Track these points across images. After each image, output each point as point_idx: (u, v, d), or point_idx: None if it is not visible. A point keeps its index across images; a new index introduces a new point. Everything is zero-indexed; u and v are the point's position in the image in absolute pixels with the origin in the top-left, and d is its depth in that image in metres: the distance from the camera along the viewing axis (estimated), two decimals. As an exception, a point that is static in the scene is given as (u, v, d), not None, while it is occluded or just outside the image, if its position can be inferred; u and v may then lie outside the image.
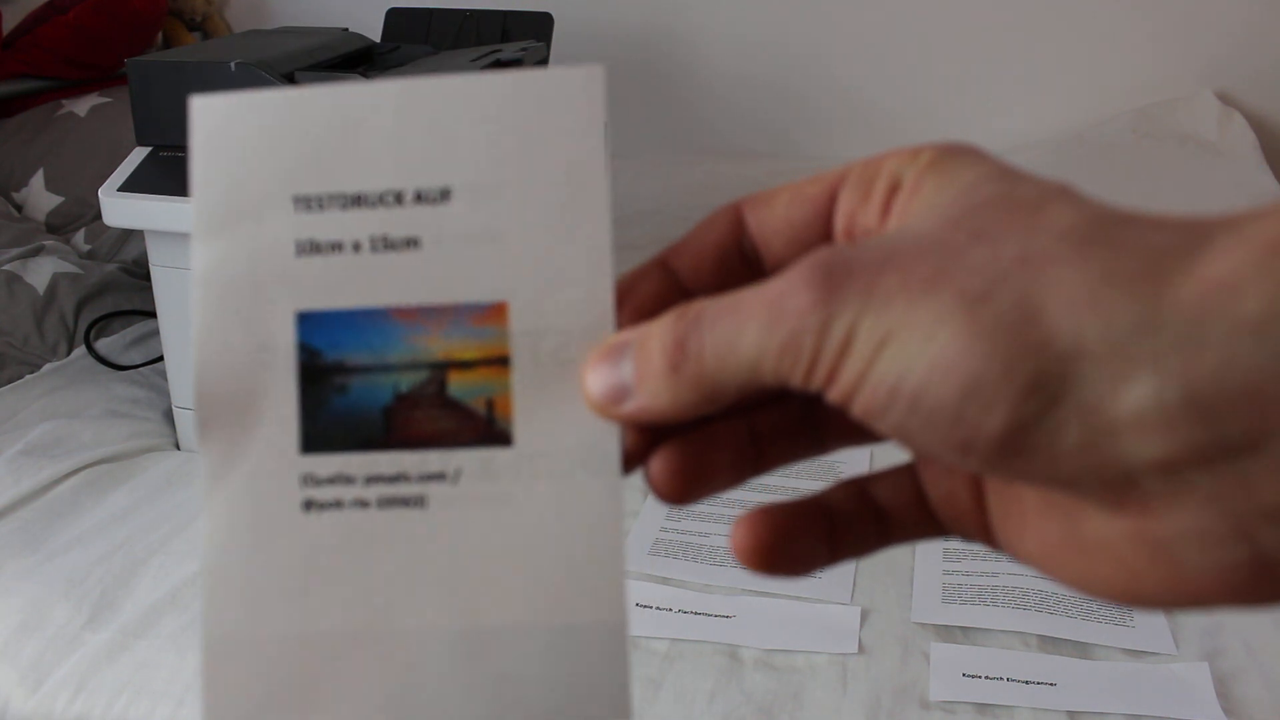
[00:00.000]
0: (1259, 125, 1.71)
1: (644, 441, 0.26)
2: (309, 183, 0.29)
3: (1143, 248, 0.21)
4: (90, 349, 1.28)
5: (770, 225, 0.26)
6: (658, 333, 0.24)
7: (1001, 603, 0.87)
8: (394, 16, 1.33)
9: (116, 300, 1.36)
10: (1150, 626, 0.84)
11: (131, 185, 1.03)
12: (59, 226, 1.58)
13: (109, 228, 1.50)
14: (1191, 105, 1.72)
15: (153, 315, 1.14)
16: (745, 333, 0.23)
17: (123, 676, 0.81)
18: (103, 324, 1.33)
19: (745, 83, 1.89)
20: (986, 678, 0.79)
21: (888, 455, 0.92)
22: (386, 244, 0.28)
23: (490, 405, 0.27)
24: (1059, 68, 1.83)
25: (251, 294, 0.28)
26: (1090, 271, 0.21)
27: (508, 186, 0.28)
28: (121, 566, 0.92)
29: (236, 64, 1.01)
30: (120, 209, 1.03)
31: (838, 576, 0.91)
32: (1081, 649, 0.83)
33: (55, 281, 1.33)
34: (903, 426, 0.22)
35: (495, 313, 0.27)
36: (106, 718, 0.79)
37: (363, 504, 0.28)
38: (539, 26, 1.29)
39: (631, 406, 0.25)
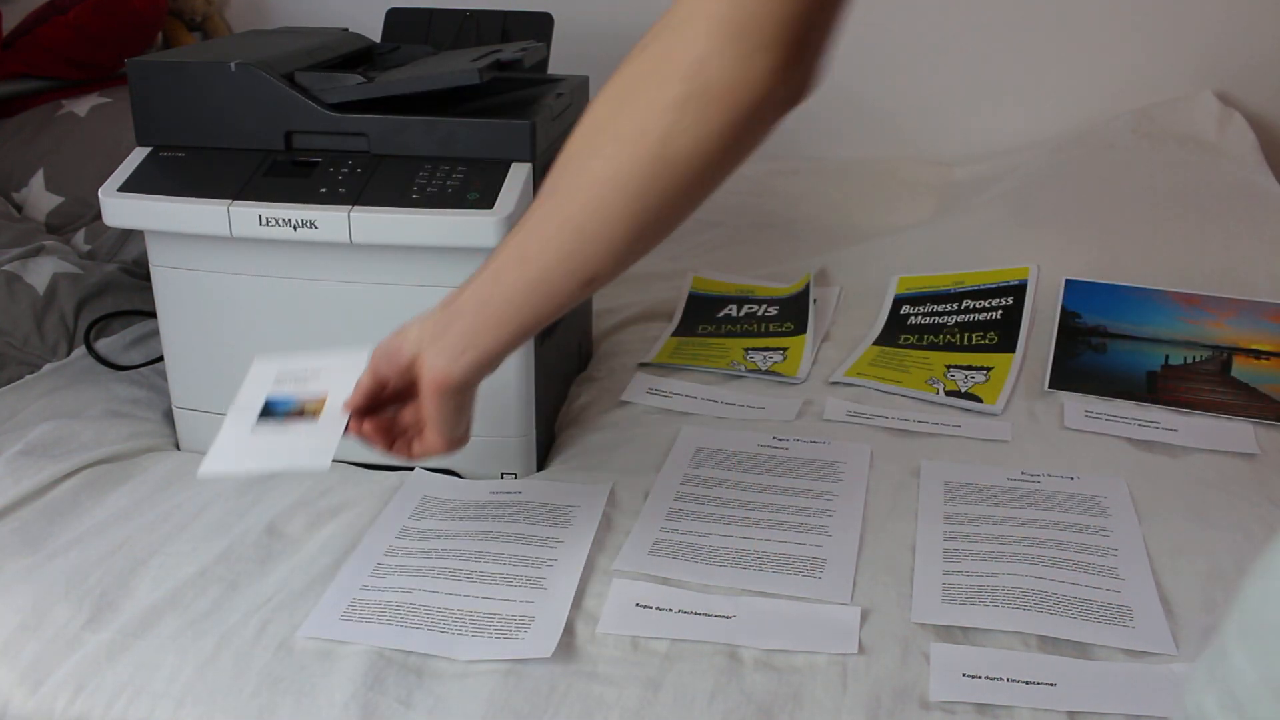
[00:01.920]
0: (1259, 125, 1.71)
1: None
2: None
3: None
4: (90, 349, 1.28)
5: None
6: None
7: (1001, 603, 0.86)
8: (394, 16, 1.32)
9: (116, 300, 1.36)
10: (1150, 626, 0.84)
11: (131, 185, 1.03)
12: (59, 226, 1.58)
13: (109, 228, 1.50)
14: (1191, 105, 1.72)
15: (153, 315, 1.14)
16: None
17: (123, 676, 0.81)
18: (103, 324, 1.33)
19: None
20: (986, 678, 0.79)
21: (888, 454, 0.92)
22: None
23: None
24: (1059, 68, 1.82)
25: None
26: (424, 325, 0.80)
27: None
28: (121, 566, 0.92)
29: (236, 64, 1.01)
30: (120, 209, 1.03)
31: (838, 577, 0.91)
32: (1081, 649, 0.83)
33: (55, 281, 1.33)
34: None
35: None
36: (106, 718, 0.79)
37: None
38: (539, 26, 1.29)
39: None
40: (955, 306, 1.39)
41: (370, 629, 0.84)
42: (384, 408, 0.83)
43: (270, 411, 0.87)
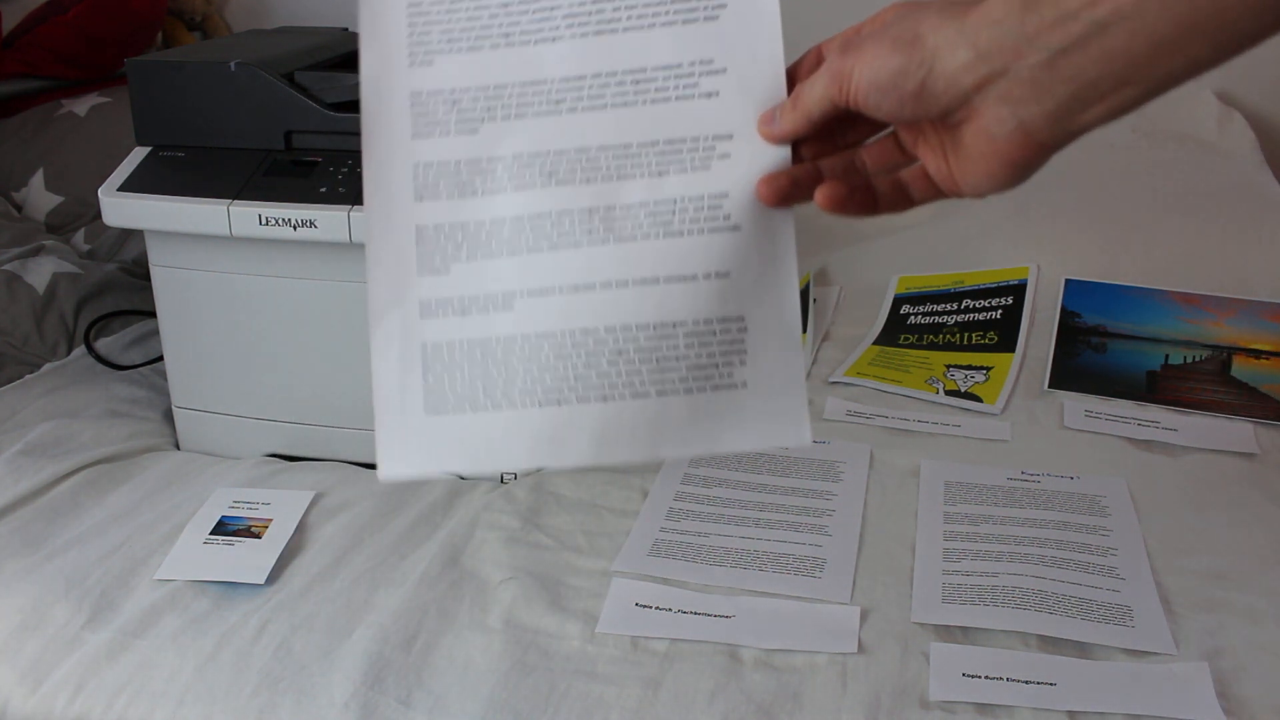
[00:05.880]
0: (1259, 125, 1.71)
1: (809, 179, 0.55)
2: None
3: (962, 7, 0.47)
4: (90, 349, 1.28)
5: (831, 47, 0.55)
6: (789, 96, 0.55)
7: (1001, 602, 0.86)
8: (394, 16, 1.32)
9: (116, 300, 1.36)
10: (1150, 626, 0.84)
11: (131, 185, 1.03)
12: (59, 226, 1.58)
13: (109, 228, 1.50)
14: (1191, 105, 1.72)
15: (152, 315, 1.14)
16: (817, 86, 0.52)
17: (123, 676, 0.81)
18: (102, 324, 1.33)
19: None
20: (986, 678, 0.79)
21: (888, 454, 0.92)
22: None
23: None
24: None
25: None
26: (942, 17, 0.48)
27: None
28: (121, 566, 0.92)
29: (236, 64, 1.01)
30: (120, 209, 1.03)
31: (838, 576, 0.91)
32: (1081, 649, 0.83)
33: (55, 281, 1.33)
34: (877, 104, 0.51)
35: None
36: (106, 718, 0.79)
37: None
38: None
39: (774, 127, 0.55)
40: (955, 306, 1.39)
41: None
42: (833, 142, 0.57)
43: (222, 528, 0.96)
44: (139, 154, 1.06)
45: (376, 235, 0.57)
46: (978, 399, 1.21)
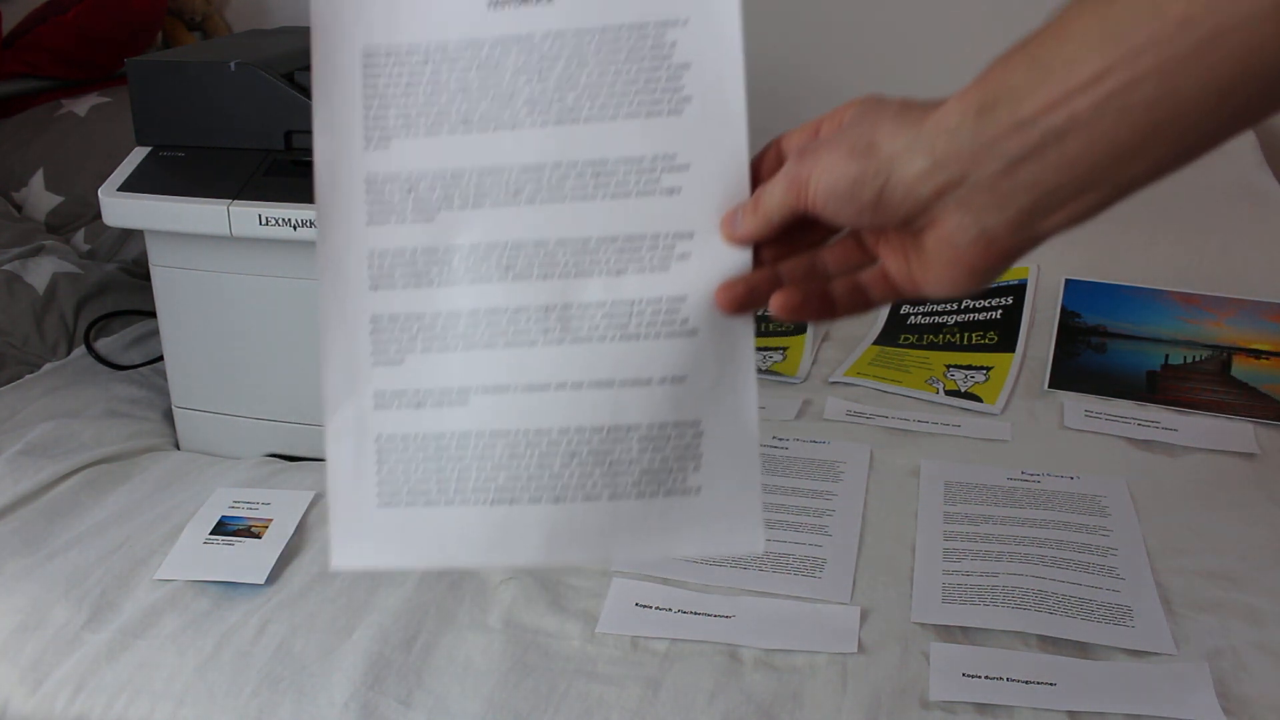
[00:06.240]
0: (1259, 125, 1.71)
1: (768, 285, 0.53)
2: None
3: (918, 112, 0.47)
4: (90, 349, 1.28)
5: (790, 144, 0.53)
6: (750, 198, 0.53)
7: (1001, 603, 0.86)
8: (394, 16, 1.32)
9: (116, 300, 1.36)
10: (1150, 626, 0.84)
11: (131, 185, 1.03)
12: (59, 226, 1.58)
13: (109, 228, 1.50)
14: (1191, 105, 1.72)
15: (152, 315, 1.14)
16: (776, 192, 0.50)
17: (123, 676, 0.81)
18: (102, 324, 1.33)
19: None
20: (986, 678, 0.79)
21: (888, 454, 0.92)
22: None
23: None
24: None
25: None
26: (897, 124, 0.47)
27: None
28: (121, 566, 0.92)
29: (236, 64, 1.01)
30: (120, 209, 1.03)
31: (838, 576, 0.91)
32: (1081, 649, 0.83)
33: (55, 281, 1.33)
34: (835, 213, 0.49)
35: None
36: (106, 718, 0.79)
37: None
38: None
39: (736, 231, 0.53)
40: (955, 306, 1.39)
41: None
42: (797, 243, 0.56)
43: (222, 528, 0.97)
44: (139, 154, 1.06)
45: (330, 324, 0.56)
46: (978, 399, 1.21)
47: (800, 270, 0.53)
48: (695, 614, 0.86)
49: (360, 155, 0.56)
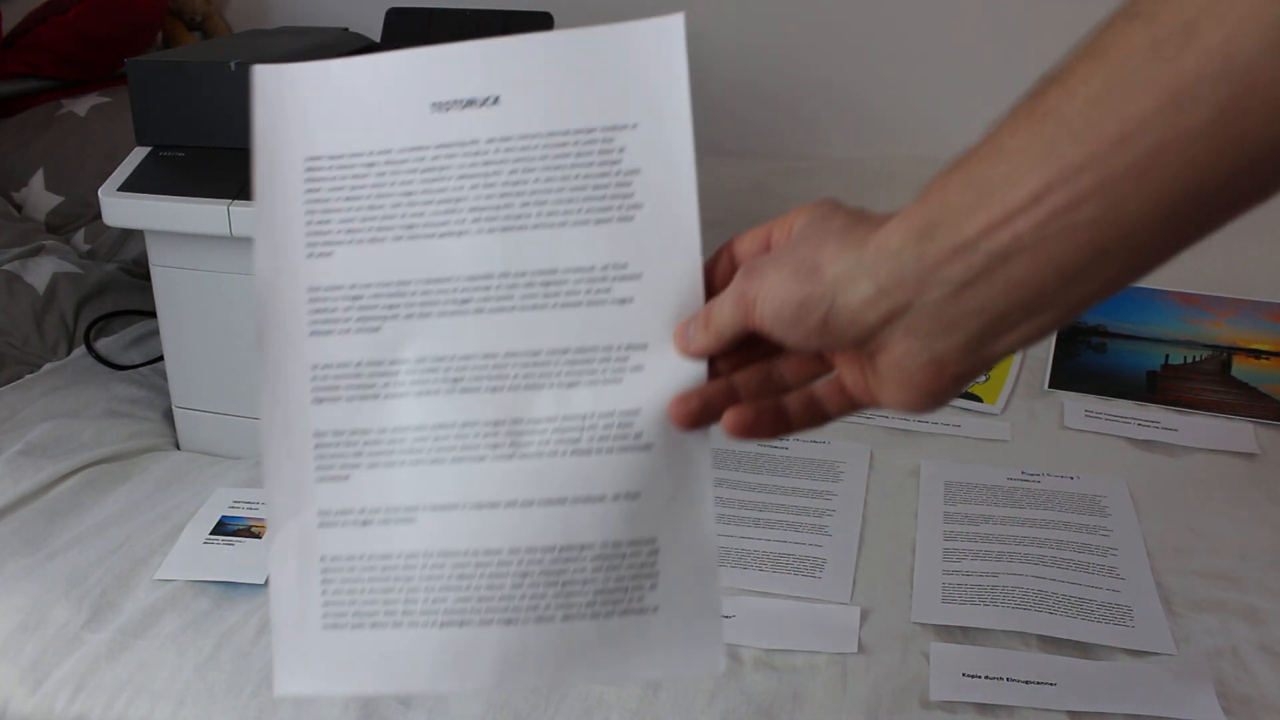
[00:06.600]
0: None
1: (722, 399, 0.50)
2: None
3: (862, 230, 0.45)
4: (90, 349, 1.28)
5: (742, 249, 0.52)
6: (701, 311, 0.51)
7: (1001, 603, 0.86)
8: (394, 16, 1.33)
9: (116, 300, 1.36)
10: (1150, 626, 0.84)
11: (131, 185, 1.03)
12: (59, 226, 1.58)
13: (109, 228, 1.50)
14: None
15: (153, 315, 1.14)
16: (725, 308, 0.49)
17: (123, 676, 0.81)
18: (103, 324, 1.33)
19: (742, 86, 1.89)
20: (986, 678, 0.79)
21: (888, 454, 0.92)
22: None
23: None
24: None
25: None
26: (841, 244, 0.45)
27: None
28: (121, 566, 0.92)
29: (236, 64, 1.01)
30: (120, 209, 1.03)
31: (838, 576, 0.91)
32: (1081, 649, 0.83)
33: (55, 281, 1.33)
34: (783, 336, 0.47)
35: None
36: (106, 718, 0.79)
37: None
38: (539, 27, 1.29)
39: (689, 344, 0.51)
40: (955, 306, 1.39)
41: None
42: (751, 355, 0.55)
43: (222, 528, 0.97)
44: (139, 154, 1.06)
45: (273, 439, 0.54)
46: (978, 399, 1.21)
47: (755, 381, 0.51)
48: (695, 614, 0.86)
49: (303, 264, 0.54)
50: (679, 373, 0.51)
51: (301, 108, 0.55)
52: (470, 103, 0.54)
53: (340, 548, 0.53)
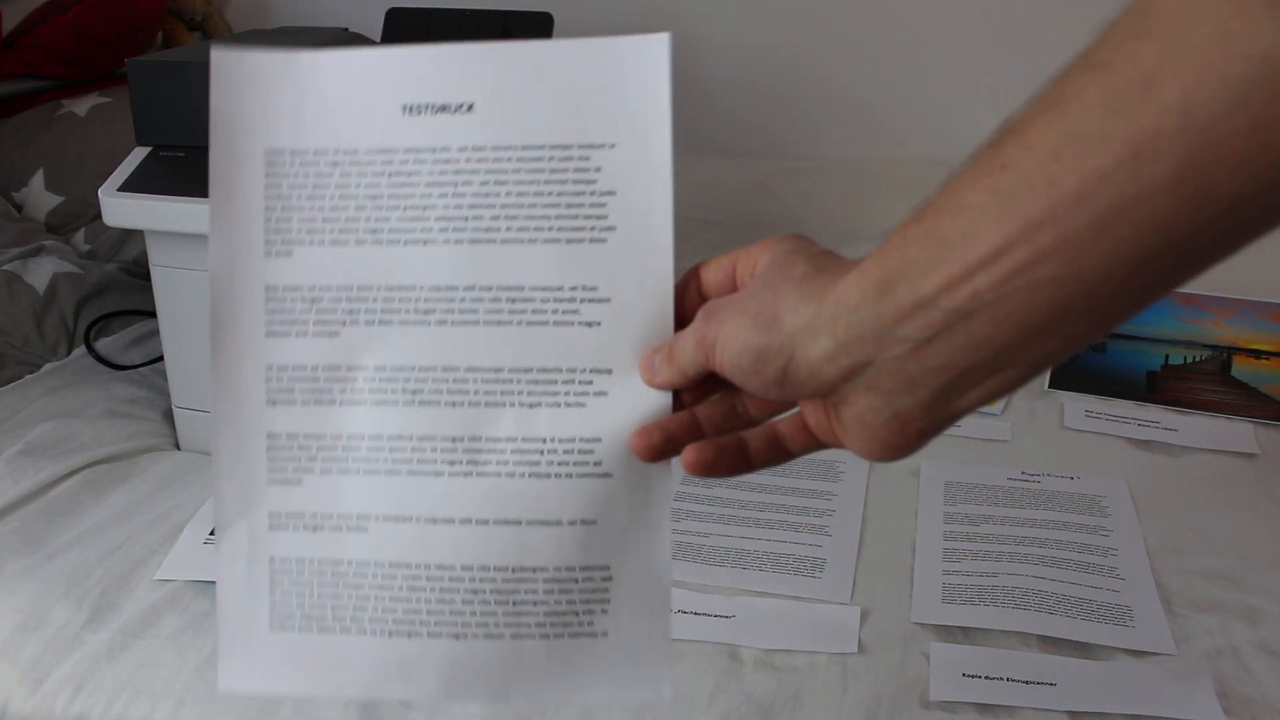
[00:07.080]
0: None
1: (685, 432, 0.50)
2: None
3: (824, 280, 0.44)
4: (90, 349, 1.28)
5: (708, 278, 0.51)
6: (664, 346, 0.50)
7: (1001, 603, 0.87)
8: (394, 16, 1.33)
9: (116, 300, 1.36)
10: (1150, 626, 0.84)
11: (131, 185, 1.03)
12: (59, 226, 1.58)
13: (109, 228, 1.50)
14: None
15: (153, 315, 1.14)
16: (688, 348, 0.48)
17: (123, 676, 0.81)
18: (103, 324, 1.33)
19: (743, 86, 1.89)
20: (986, 678, 0.79)
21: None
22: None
23: None
24: (1058, 65, 1.82)
25: None
26: (800, 295, 0.44)
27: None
28: (121, 566, 0.92)
29: (236, 64, 1.01)
30: (120, 209, 1.03)
31: (838, 576, 0.91)
32: (1081, 649, 0.83)
33: (55, 281, 1.33)
34: (743, 383, 0.46)
35: None
36: (106, 718, 0.79)
37: None
38: (539, 27, 1.29)
39: (654, 377, 0.50)
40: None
41: None
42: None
43: None
44: (139, 154, 1.06)
45: (224, 439, 0.53)
46: (978, 399, 1.21)
47: (719, 415, 0.50)
48: (695, 614, 0.86)
49: (260, 262, 0.53)
50: (643, 401, 0.51)
51: (263, 97, 0.53)
52: (443, 108, 0.52)
53: (290, 550, 0.53)
